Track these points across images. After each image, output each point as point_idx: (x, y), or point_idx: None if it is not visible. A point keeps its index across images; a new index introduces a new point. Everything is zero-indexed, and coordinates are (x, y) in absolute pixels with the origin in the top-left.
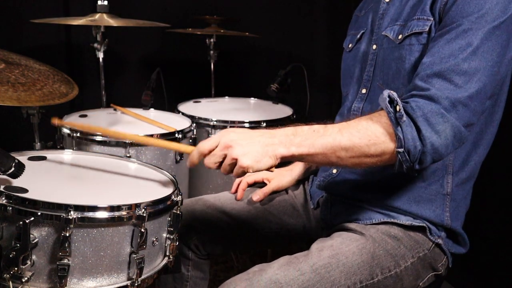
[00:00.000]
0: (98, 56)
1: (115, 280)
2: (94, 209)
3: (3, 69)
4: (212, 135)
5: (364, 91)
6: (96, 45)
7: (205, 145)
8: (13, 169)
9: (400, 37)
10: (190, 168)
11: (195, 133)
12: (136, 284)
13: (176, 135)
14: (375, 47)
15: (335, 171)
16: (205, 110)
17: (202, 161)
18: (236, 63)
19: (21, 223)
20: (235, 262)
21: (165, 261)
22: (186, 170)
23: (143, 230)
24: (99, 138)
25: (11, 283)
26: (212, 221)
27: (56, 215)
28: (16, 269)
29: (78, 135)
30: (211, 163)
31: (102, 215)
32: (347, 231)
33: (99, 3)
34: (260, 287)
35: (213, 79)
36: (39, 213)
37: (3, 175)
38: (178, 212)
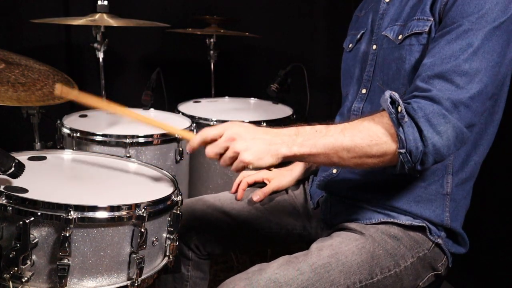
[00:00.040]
0: (98, 56)
1: (115, 280)
2: (94, 209)
3: (3, 69)
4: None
5: (364, 91)
6: (96, 45)
7: (209, 132)
8: (13, 169)
9: (400, 37)
10: (190, 167)
11: (195, 133)
12: (136, 284)
13: (176, 135)
14: (375, 47)
15: (335, 171)
16: (205, 110)
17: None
18: (236, 63)
19: (21, 223)
20: (235, 262)
21: (165, 261)
22: (186, 170)
23: (143, 230)
24: (99, 138)
25: (11, 283)
26: (212, 221)
27: (56, 215)
28: (16, 269)
29: (78, 135)
30: (212, 152)
31: (102, 215)
32: (346, 230)
33: (99, 3)
34: (259, 286)
35: (213, 79)
36: (39, 213)
37: (3, 175)
38: (178, 212)
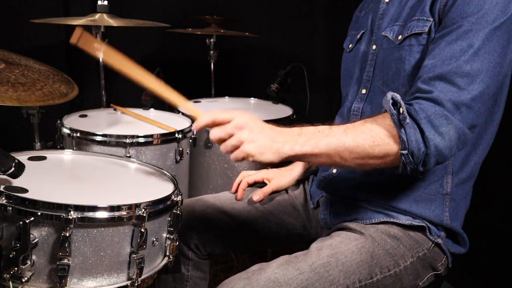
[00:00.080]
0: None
1: (115, 280)
2: (94, 209)
3: (3, 69)
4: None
5: (364, 91)
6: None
7: (219, 115)
8: (13, 169)
9: (400, 37)
10: (190, 167)
11: (195, 133)
12: (136, 284)
13: (176, 135)
14: (374, 47)
15: (335, 171)
16: (205, 110)
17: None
18: (236, 63)
19: (21, 223)
20: (235, 262)
21: (165, 261)
22: (186, 170)
23: (143, 230)
24: (99, 138)
25: (11, 283)
26: (212, 221)
27: (56, 215)
28: (16, 269)
29: (78, 135)
30: (217, 135)
31: (102, 215)
32: (346, 230)
33: (99, 3)
34: (259, 286)
35: (213, 79)
36: (39, 213)
37: (3, 175)
38: (178, 212)
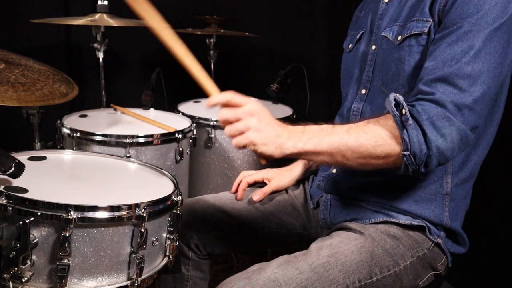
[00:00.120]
0: (98, 56)
1: (115, 280)
2: (94, 209)
3: (3, 69)
4: (211, 135)
5: (363, 91)
6: (96, 45)
7: (234, 98)
8: (13, 169)
9: (399, 38)
10: (190, 167)
11: (195, 133)
12: (136, 284)
13: (176, 135)
14: (374, 47)
15: (334, 170)
16: (205, 110)
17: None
18: (236, 63)
19: (21, 223)
20: (235, 262)
21: (165, 261)
22: (186, 170)
23: (143, 230)
24: (99, 138)
25: (11, 283)
26: (212, 221)
27: (56, 215)
28: (16, 269)
29: (78, 135)
30: (224, 116)
31: (102, 215)
32: (346, 230)
33: (99, 3)
34: (258, 286)
35: (213, 79)
36: (39, 213)
37: (3, 175)
38: (178, 212)
